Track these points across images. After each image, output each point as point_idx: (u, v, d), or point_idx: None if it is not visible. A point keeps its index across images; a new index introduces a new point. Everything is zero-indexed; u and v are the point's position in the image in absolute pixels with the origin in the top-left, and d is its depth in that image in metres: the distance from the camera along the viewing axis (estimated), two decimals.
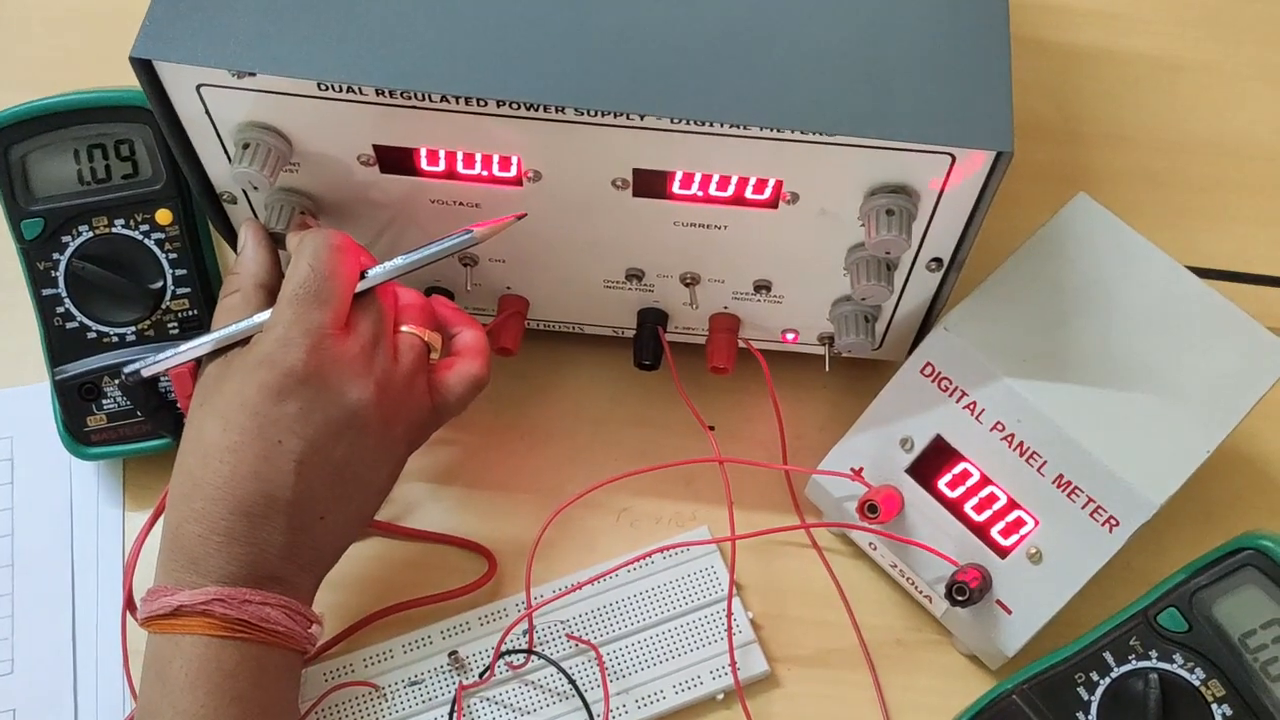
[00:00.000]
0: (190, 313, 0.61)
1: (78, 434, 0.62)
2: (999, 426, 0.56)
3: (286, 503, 0.50)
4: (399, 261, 0.54)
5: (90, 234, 0.59)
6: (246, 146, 0.53)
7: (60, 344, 0.60)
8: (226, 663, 0.48)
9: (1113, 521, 0.54)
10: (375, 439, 0.52)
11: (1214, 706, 0.52)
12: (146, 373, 0.56)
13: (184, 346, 0.54)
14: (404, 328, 0.55)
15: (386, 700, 0.57)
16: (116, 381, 0.60)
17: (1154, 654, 0.53)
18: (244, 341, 0.53)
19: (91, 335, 0.60)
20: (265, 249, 0.56)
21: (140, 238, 0.59)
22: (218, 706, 0.48)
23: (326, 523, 0.51)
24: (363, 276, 0.53)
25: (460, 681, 0.58)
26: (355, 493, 0.53)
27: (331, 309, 0.51)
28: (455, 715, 0.57)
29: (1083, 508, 0.55)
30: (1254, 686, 0.52)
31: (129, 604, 0.57)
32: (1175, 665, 0.53)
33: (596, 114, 0.51)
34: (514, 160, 0.54)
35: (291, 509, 0.50)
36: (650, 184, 0.55)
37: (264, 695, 0.49)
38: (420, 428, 0.56)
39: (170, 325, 0.61)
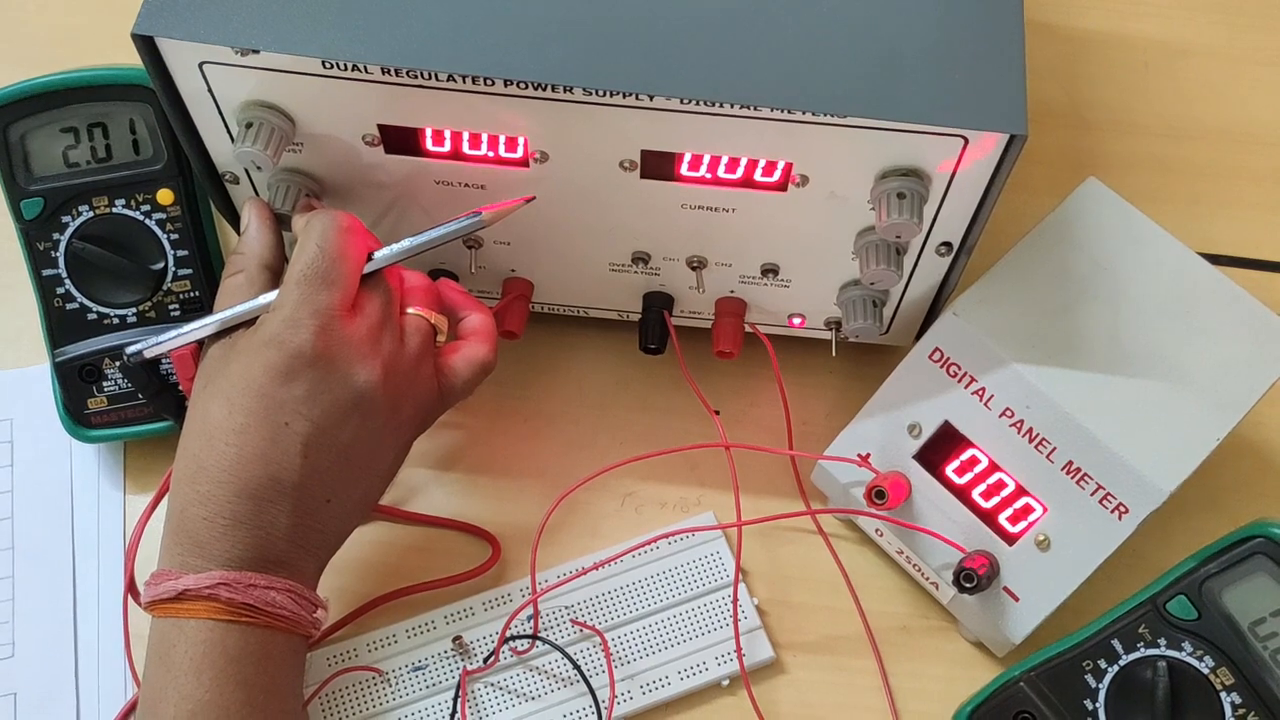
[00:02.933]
0: (192, 294, 0.60)
1: (78, 416, 0.61)
2: (1008, 413, 0.56)
3: (293, 486, 0.49)
4: (406, 244, 0.54)
5: (90, 214, 0.58)
6: (249, 126, 0.53)
7: (60, 325, 0.60)
8: (231, 647, 0.48)
9: (1122, 509, 0.54)
10: (382, 421, 0.52)
11: (1223, 695, 0.52)
12: (149, 354, 0.55)
13: (188, 327, 0.54)
14: (410, 310, 0.55)
15: (390, 685, 0.57)
16: (117, 363, 0.60)
17: (1163, 642, 0.53)
18: (249, 323, 0.52)
19: (92, 316, 0.60)
20: (269, 229, 0.56)
21: (141, 218, 0.59)
22: (222, 690, 0.48)
23: (332, 506, 0.51)
24: (370, 258, 0.53)
25: (464, 667, 0.57)
26: (361, 475, 0.52)
27: (339, 290, 0.51)
28: (459, 701, 0.57)
29: (1092, 495, 0.54)
30: (1263, 674, 0.51)
31: (130, 588, 0.57)
32: (1184, 653, 0.52)
33: (605, 94, 0.50)
34: (520, 141, 0.54)
35: (298, 492, 0.50)
36: (658, 166, 0.54)
37: (268, 679, 0.49)
38: (426, 411, 0.55)
39: (171, 307, 0.60)
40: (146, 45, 0.51)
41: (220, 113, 0.54)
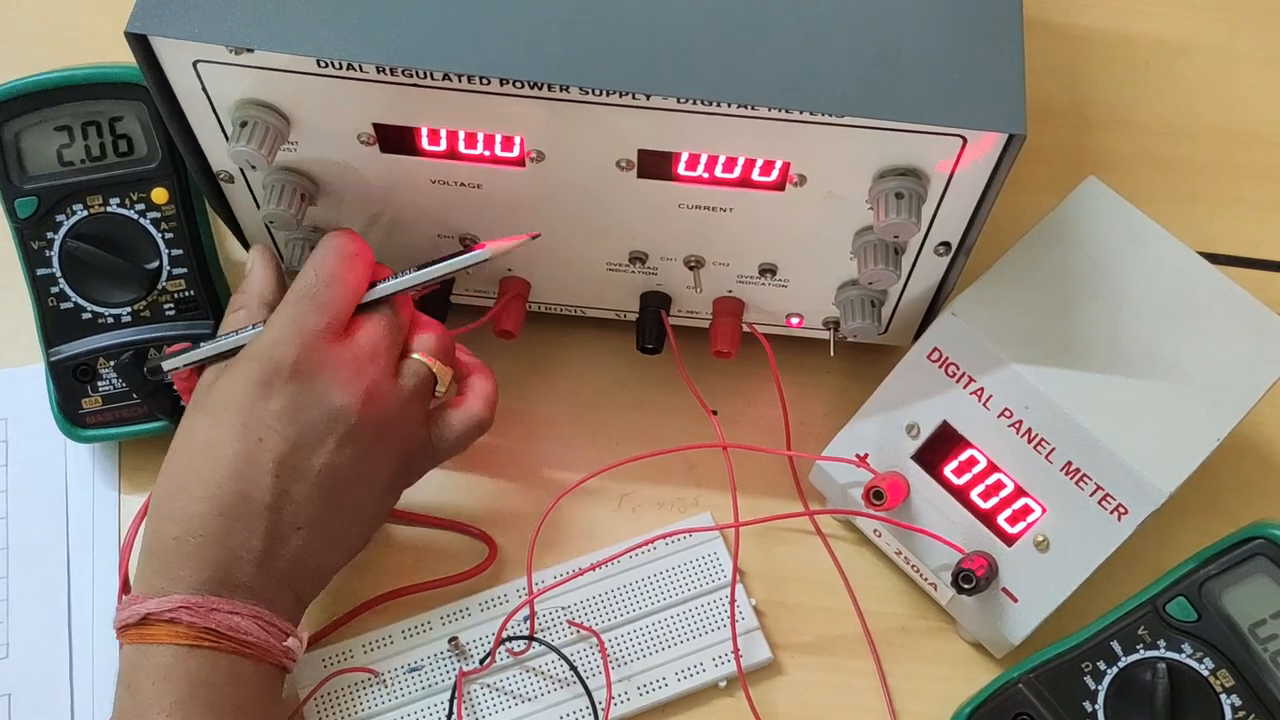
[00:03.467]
0: (186, 293, 0.60)
1: (73, 416, 0.61)
2: (1007, 413, 0.55)
3: (263, 506, 0.49)
4: (409, 278, 0.54)
5: (85, 213, 0.58)
6: (244, 125, 0.52)
7: (55, 324, 0.60)
8: (195, 672, 0.47)
9: (1121, 510, 0.53)
10: (359, 451, 0.52)
11: (1223, 697, 0.51)
12: (167, 366, 0.55)
13: (209, 345, 0.54)
14: (415, 355, 0.55)
15: (386, 686, 0.57)
16: (112, 363, 0.59)
17: (1162, 643, 0.53)
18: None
19: (86, 316, 0.59)
20: (272, 270, 0.57)
21: (135, 217, 0.59)
22: (185, 717, 0.47)
23: (304, 534, 0.51)
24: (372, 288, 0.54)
25: (460, 668, 0.57)
26: (336, 507, 0.52)
27: (329, 314, 0.52)
28: (456, 702, 0.56)
29: (1091, 495, 0.54)
30: (1263, 676, 0.51)
31: (125, 588, 0.57)
32: (1184, 655, 0.52)
33: (602, 93, 0.50)
34: (517, 140, 0.54)
35: (269, 513, 0.49)
36: (655, 165, 0.54)
37: (235, 707, 0.48)
38: (411, 455, 0.55)
39: (166, 306, 0.60)
40: (140, 44, 0.50)
41: (215, 111, 0.54)
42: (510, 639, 0.58)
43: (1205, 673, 0.52)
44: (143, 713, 0.47)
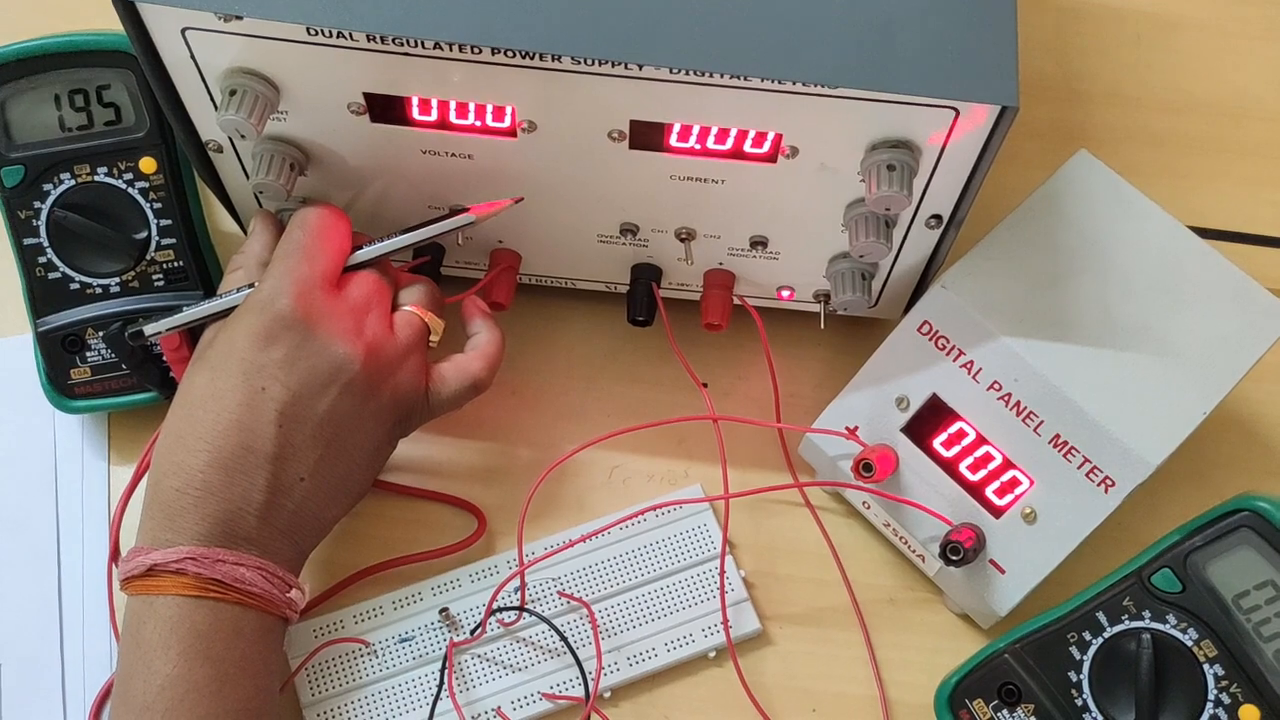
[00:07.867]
0: (175, 264, 0.60)
1: (61, 387, 0.61)
2: (996, 386, 0.56)
3: (266, 456, 0.49)
4: (393, 240, 0.55)
5: (72, 182, 0.58)
6: (233, 93, 0.52)
7: (42, 295, 0.59)
8: (199, 623, 0.48)
9: (1109, 482, 0.54)
10: (360, 400, 0.52)
11: (1206, 667, 0.52)
12: (149, 331, 0.56)
13: (193, 309, 0.55)
14: (405, 307, 0.56)
15: (377, 657, 0.57)
16: (100, 334, 0.59)
17: (1147, 614, 0.53)
18: None
19: (74, 286, 0.59)
20: (273, 234, 0.57)
21: (123, 186, 0.58)
22: (190, 666, 0.47)
23: (306, 485, 0.51)
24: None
25: (451, 638, 0.57)
26: (337, 457, 0.52)
27: (320, 265, 0.52)
28: (447, 672, 0.57)
29: (1079, 468, 0.54)
30: (1246, 647, 0.52)
31: (114, 559, 0.57)
32: (1168, 626, 0.53)
33: (594, 63, 0.50)
34: (508, 110, 0.53)
35: (271, 465, 0.50)
36: (647, 136, 0.54)
37: (239, 657, 0.49)
38: (409, 406, 0.55)
39: (155, 276, 0.60)
40: (128, 10, 0.50)
41: (204, 80, 0.53)
42: (501, 609, 0.58)
43: (1189, 643, 0.52)
44: (147, 663, 0.47)
